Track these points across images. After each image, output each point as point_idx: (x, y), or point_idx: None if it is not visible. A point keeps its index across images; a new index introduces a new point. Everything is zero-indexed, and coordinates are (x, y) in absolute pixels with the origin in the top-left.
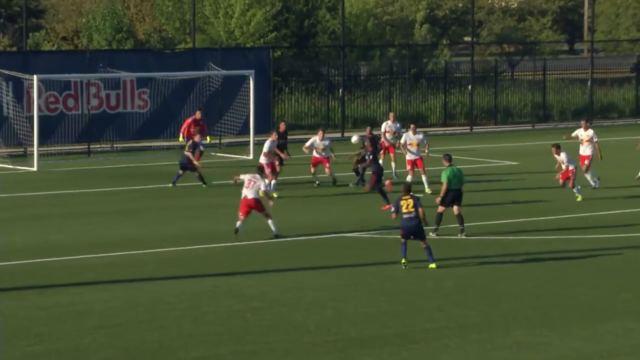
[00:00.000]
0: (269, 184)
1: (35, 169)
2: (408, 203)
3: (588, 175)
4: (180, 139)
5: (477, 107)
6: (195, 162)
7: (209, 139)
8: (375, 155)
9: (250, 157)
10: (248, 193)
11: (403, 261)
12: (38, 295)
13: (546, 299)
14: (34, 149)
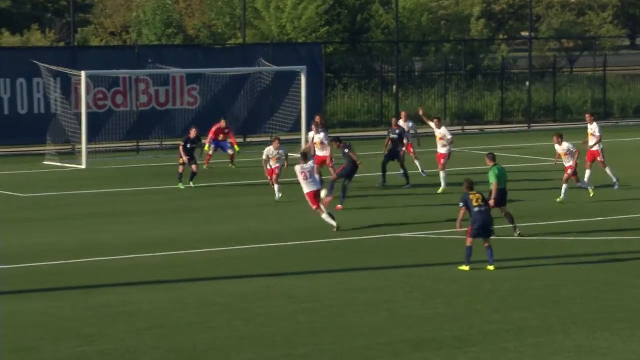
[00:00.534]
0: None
1: (84, 166)
2: (477, 197)
3: (607, 170)
4: (206, 148)
5: (535, 104)
6: (183, 158)
7: (237, 148)
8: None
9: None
10: (306, 186)
11: (468, 269)
12: (85, 296)
13: (606, 302)
14: (82, 147)
